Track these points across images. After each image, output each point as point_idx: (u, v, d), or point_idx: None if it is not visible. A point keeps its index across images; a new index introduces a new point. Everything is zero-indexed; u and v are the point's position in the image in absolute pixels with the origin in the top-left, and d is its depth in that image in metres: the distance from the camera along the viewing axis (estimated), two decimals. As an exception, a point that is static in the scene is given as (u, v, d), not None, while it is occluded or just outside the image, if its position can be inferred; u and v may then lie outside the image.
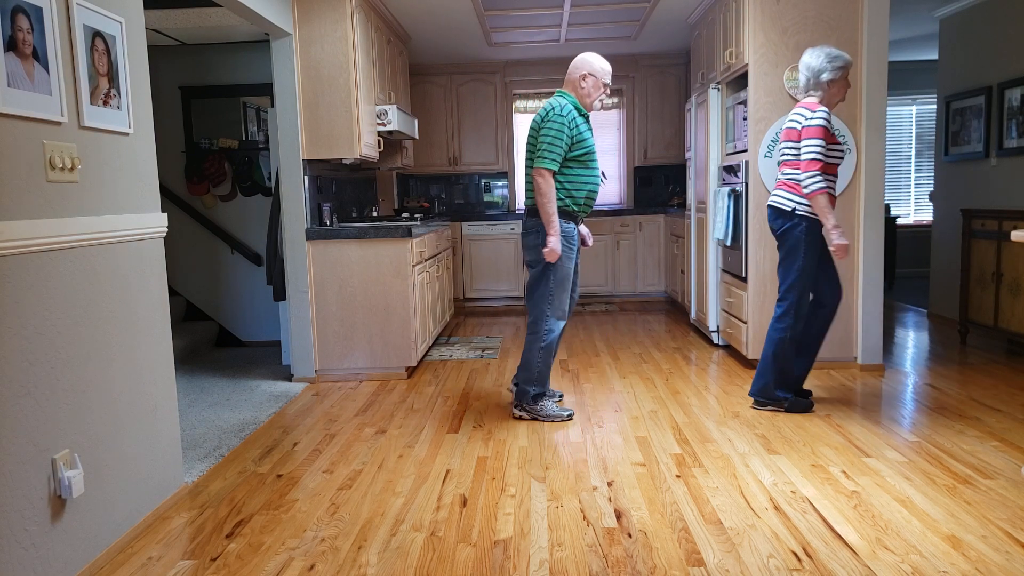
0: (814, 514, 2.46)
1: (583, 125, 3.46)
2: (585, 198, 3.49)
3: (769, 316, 4.33)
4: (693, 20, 5.67)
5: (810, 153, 3.29)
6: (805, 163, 3.30)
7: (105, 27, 2.37)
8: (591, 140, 3.47)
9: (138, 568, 2.25)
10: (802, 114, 3.37)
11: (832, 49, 3.37)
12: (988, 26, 5.24)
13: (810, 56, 3.39)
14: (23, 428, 1.96)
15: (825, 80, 3.35)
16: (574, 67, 3.49)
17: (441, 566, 2.20)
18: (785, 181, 3.46)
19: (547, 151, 3.36)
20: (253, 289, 5.66)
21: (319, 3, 4.29)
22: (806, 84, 3.42)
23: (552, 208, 3.37)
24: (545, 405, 3.56)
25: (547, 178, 3.36)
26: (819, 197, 3.28)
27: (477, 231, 7.02)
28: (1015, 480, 2.69)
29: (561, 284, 3.50)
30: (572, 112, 3.41)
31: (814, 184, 3.27)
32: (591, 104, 3.52)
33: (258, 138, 5.58)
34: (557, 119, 3.37)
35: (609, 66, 3.52)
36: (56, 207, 2.12)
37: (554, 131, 3.36)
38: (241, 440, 3.43)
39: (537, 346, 3.54)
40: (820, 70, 3.35)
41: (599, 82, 3.48)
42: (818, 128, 3.28)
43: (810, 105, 3.37)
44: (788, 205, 3.42)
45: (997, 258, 4.69)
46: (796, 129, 3.38)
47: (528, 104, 7.48)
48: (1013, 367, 4.33)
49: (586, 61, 3.48)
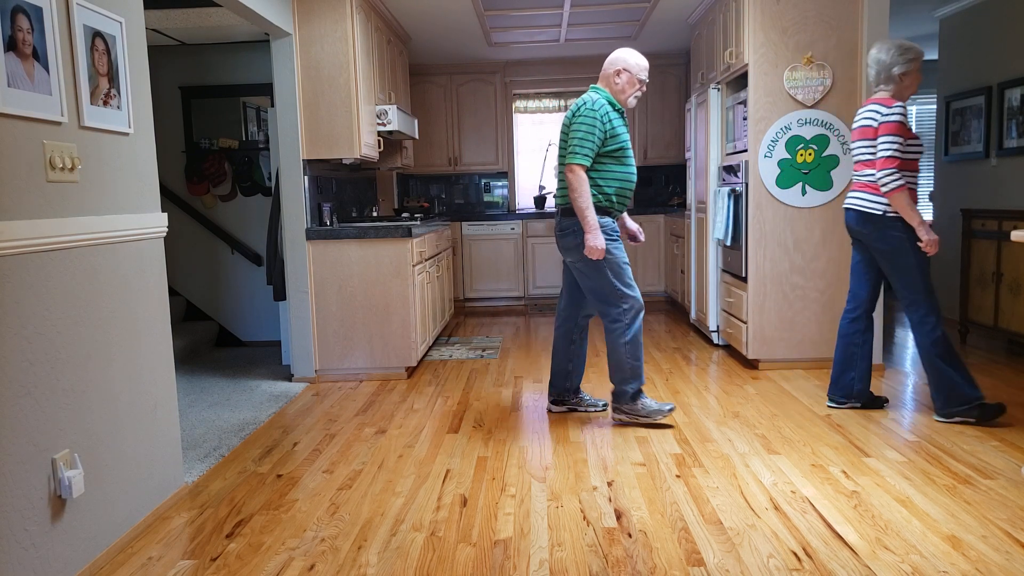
0: (814, 514, 2.46)
1: (617, 119, 3.37)
2: (616, 193, 3.39)
3: (769, 316, 4.33)
4: (693, 20, 5.67)
5: (887, 150, 3.19)
6: (881, 161, 3.19)
7: (105, 27, 2.37)
8: (625, 135, 3.40)
9: (138, 568, 2.25)
10: (877, 111, 3.26)
11: (903, 41, 3.29)
12: (988, 26, 5.24)
13: (879, 50, 3.31)
14: (23, 428, 1.96)
15: (897, 73, 3.26)
16: (609, 62, 3.42)
17: (441, 566, 2.20)
18: (865, 183, 3.35)
19: (579, 146, 3.28)
20: (253, 289, 5.66)
21: (319, 3, 4.29)
22: (876, 79, 3.33)
23: (585, 203, 3.26)
24: (646, 404, 3.43)
25: (578, 174, 3.27)
26: (898, 195, 3.18)
27: (477, 231, 7.02)
28: (1015, 480, 2.69)
29: (621, 274, 3.37)
30: (605, 107, 3.34)
31: (892, 182, 3.18)
32: (626, 100, 3.43)
33: (258, 138, 5.58)
34: (589, 114, 3.29)
35: (646, 62, 3.44)
36: (56, 207, 2.12)
37: (586, 126, 3.28)
38: (241, 440, 3.43)
39: (621, 342, 3.40)
40: (891, 64, 3.26)
41: (634, 78, 3.40)
42: (895, 124, 3.18)
43: (884, 101, 3.26)
44: (877, 208, 3.30)
45: (997, 258, 4.69)
46: (871, 127, 3.27)
47: (528, 104, 7.48)
48: (1013, 367, 4.33)
49: (621, 57, 3.40)
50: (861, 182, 3.39)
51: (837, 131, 4.20)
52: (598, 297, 3.42)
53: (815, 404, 3.68)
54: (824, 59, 4.19)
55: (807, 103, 4.21)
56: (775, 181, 4.27)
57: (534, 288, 7.07)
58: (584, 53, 7.08)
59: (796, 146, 4.23)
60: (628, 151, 3.42)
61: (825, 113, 4.20)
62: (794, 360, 4.37)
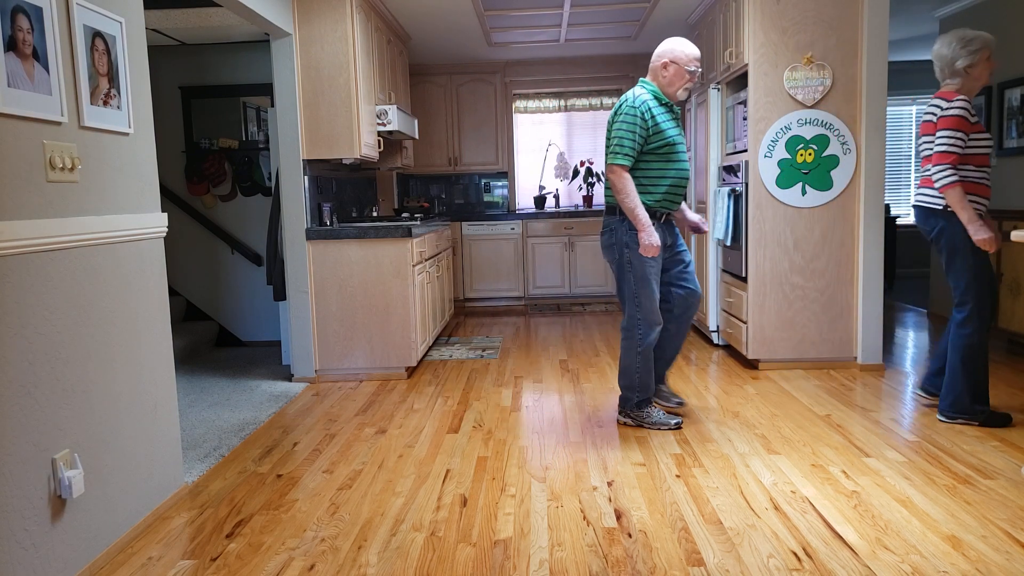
0: (814, 514, 2.46)
1: (663, 115, 3.25)
2: (665, 194, 3.28)
3: (769, 316, 4.33)
4: (693, 20, 5.67)
5: (942, 145, 3.12)
6: (936, 155, 3.13)
7: (105, 27, 2.37)
8: (672, 131, 3.26)
9: (138, 568, 2.26)
10: (939, 105, 3.19)
11: (966, 31, 3.20)
12: (988, 26, 5.24)
13: (941, 45, 3.23)
14: (23, 428, 1.96)
15: (961, 67, 3.18)
16: (657, 54, 3.30)
17: (441, 566, 2.20)
18: (928, 178, 3.28)
19: (618, 146, 3.19)
20: (253, 289, 5.66)
21: (319, 3, 4.29)
22: (941, 74, 3.26)
23: (632, 203, 3.16)
24: (651, 412, 3.39)
25: (619, 174, 3.18)
26: (951, 191, 3.11)
27: (477, 231, 7.02)
28: (1015, 480, 2.69)
29: (644, 284, 3.28)
30: (647, 103, 3.22)
31: (945, 178, 3.10)
32: (674, 94, 3.30)
33: (258, 138, 5.58)
34: (629, 111, 3.20)
35: (696, 51, 3.28)
36: (56, 207, 2.12)
37: (626, 125, 3.18)
38: (241, 440, 3.43)
39: (634, 350, 3.36)
40: (953, 58, 3.18)
41: (682, 70, 3.26)
42: (954, 119, 3.10)
43: (947, 95, 3.19)
44: (938, 204, 3.22)
45: (997, 258, 4.69)
46: (932, 122, 3.21)
47: (528, 104, 7.48)
48: (1013, 367, 4.33)
49: (668, 48, 3.28)
50: (925, 177, 3.31)
51: (837, 131, 4.20)
52: (622, 299, 3.41)
53: (815, 404, 3.68)
54: (824, 59, 4.18)
55: (807, 103, 4.21)
56: (775, 181, 4.27)
57: (534, 288, 7.07)
58: (584, 53, 7.08)
59: (796, 146, 4.23)
60: (677, 147, 3.29)
61: (825, 113, 4.20)
62: (794, 360, 4.37)
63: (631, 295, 3.33)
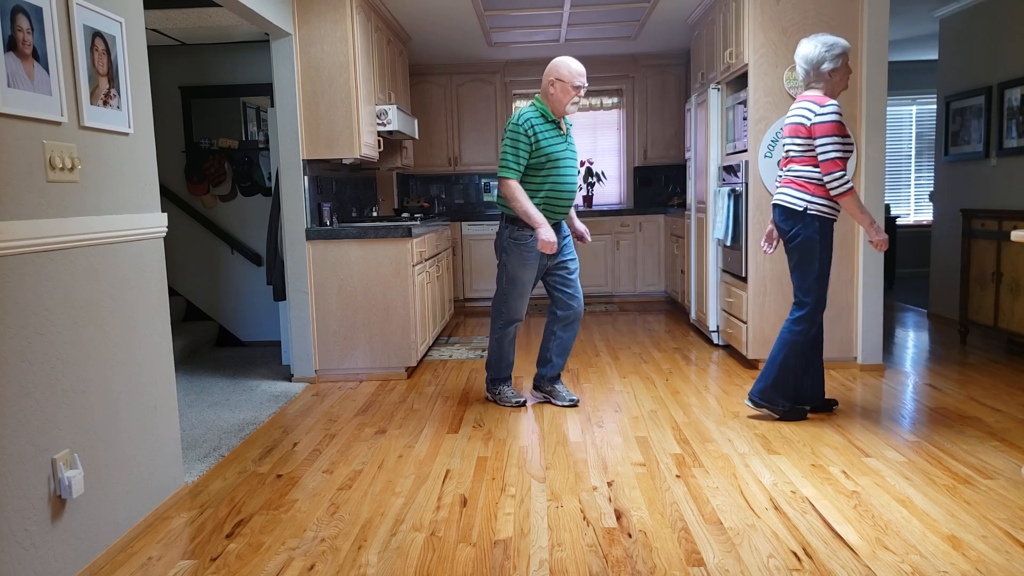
0: (814, 514, 2.46)
1: (546, 131, 3.49)
2: (544, 204, 3.55)
3: (769, 316, 4.33)
4: (693, 20, 5.67)
5: (830, 152, 3.11)
6: (828, 163, 3.11)
7: (105, 27, 2.37)
8: (553, 146, 3.50)
9: (138, 568, 2.25)
10: (810, 109, 3.17)
11: (827, 36, 3.20)
12: (988, 26, 5.24)
13: (806, 47, 3.22)
14: (23, 428, 1.96)
15: (826, 70, 3.18)
16: (545, 73, 3.52)
17: (441, 566, 2.20)
18: (793, 179, 3.28)
19: (503, 161, 3.50)
20: (253, 289, 5.66)
21: (319, 3, 4.29)
22: (806, 77, 3.25)
23: (522, 207, 3.48)
24: (503, 391, 3.84)
25: (506, 184, 3.50)
26: (850, 198, 3.13)
27: (477, 231, 7.02)
28: (1015, 480, 2.69)
29: (513, 285, 3.65)
30: (531, 119, 3.47)
31: (842, 185, 3.11)
32: (561, 110, 3.52)
33: (258, 138, 5.58)
34: (512, 128, 3.48)
35: (579, 68, 3.48)
36: (56, 207, 2.12)
37: (509, 141, 3.48)
38: (241, 440, 3.43)
39: (493, 338, 3.82)
40: (819, 60, 3.18)
41: (567, 86, 3.46)
42: (833, 124, 3.10)
43: (818, 99, 3.17)
44: (799, 204, 3.24)
45: (997, 258, 4.69)
46: (804, 125, 3.18)
47: (528, 104, 7.47)
48: (1013, 367, 4.33)
49: (554, 66, 3.49)
50: (790, 178, 3.31)
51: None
52: (495, 293, 3.77)
53: (815, 404, 3.68)
54: (824, 59, 4.18)
55: (807, 103, 4.20)
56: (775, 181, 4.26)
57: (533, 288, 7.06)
58: (584, 53, 7.08)
59: (796, 146, 4.23)
60: (561, 162, 3.52)
61: (825, 113, 4.20)
62: (794, 360, 4.37)
63: (500, 292, 3.73)
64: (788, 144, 3.32)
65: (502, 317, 3.75)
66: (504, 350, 3.82)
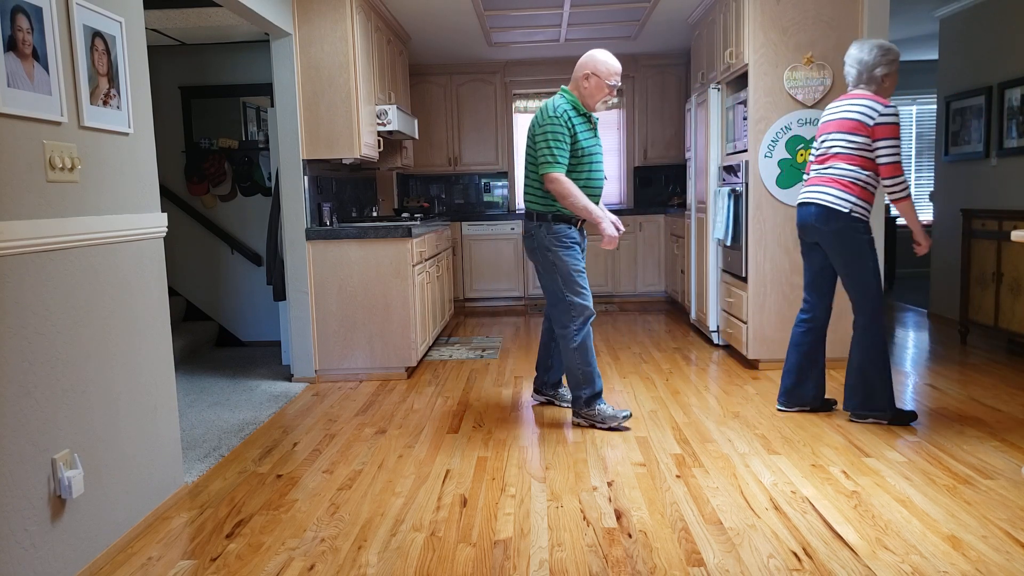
0: (814, 514, 2.45)
1: (581, 125, 3.32)
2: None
3: (769, 316, 4.33)
4: (693, 20, 5.67)
5: (891, 156, 3.09)
6: (890, 167, 3.09)
7: (105, 27, 2.37)
8: (588, 140, 3.34)
9: (138, 568, 2.25)
10: (873, 107, 3.13)
11: (882, 42, 3.21)
12: (988, 26, 5.24)
13: (859, 50, 3.22)
14: (23, 428, 1.96)
15: (880, 75, 3.19)
16: (579, 65, 3.36)
17: (441, 566, 2.20)
18: (836, 177, 3.20)
19: (549, 155, 3.26)
20: (253, 289, 5.66)
21: (319, 3, 4.29)
22: (857, 78, 3.23)
23: (581, 202, 3.26)
24: (602, 409, 3.40)
25: (558, 180, 3.25)
26: (908, 204, 3.09)
27: (477, 231, 7.02)
28: (1015, 480, 2.69)
29: (573, 278, 3.37)
30: (568, 111, 3.29)
31: (904, 191, 3.07)
32: (592, 106, 3.39)
33: (258, 138, 5.58)
34: (552, 120, 3.26)
35: (618, 65, 3.35)
36: (56, 207, 2.12)
37: (551, 133, 3.26)
38: (241, 440, 3.43)
39: (571, 348, 3.40)
40: (874, 64, 3.18)
41: (603, 83, 3.32)
42: (894, 127, 3.09)
43: (877, 99, 3.14)
44: (843, 206, 3.17)
45: (997, 258, 4.69)
46: (865, 123, 3.13)
47: (528, 104, 7.48)
48: (1013, 367, 4.33)
49: (592, 60, 3.33)
50: (827, 175, 3.24)
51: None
52: (551, 300, 3.46)
53: (815, 404, 3.68)
54: (824, 59, 4.19)
55: (807, 103, 4.21)
56: (775, 181, 4.27)
57: (534, 288, 7.07)
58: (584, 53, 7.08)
59: (796, 146, 4.23)
60: (594, 157, 3.37)
61: (825, 113, 4.20)
62: (794, 360, 4.37)
63: (560, 295, 3.40)
64: (835, 140, 3.23)
65: (576, 318, 3.38)
66: (591, 355, 3.41)
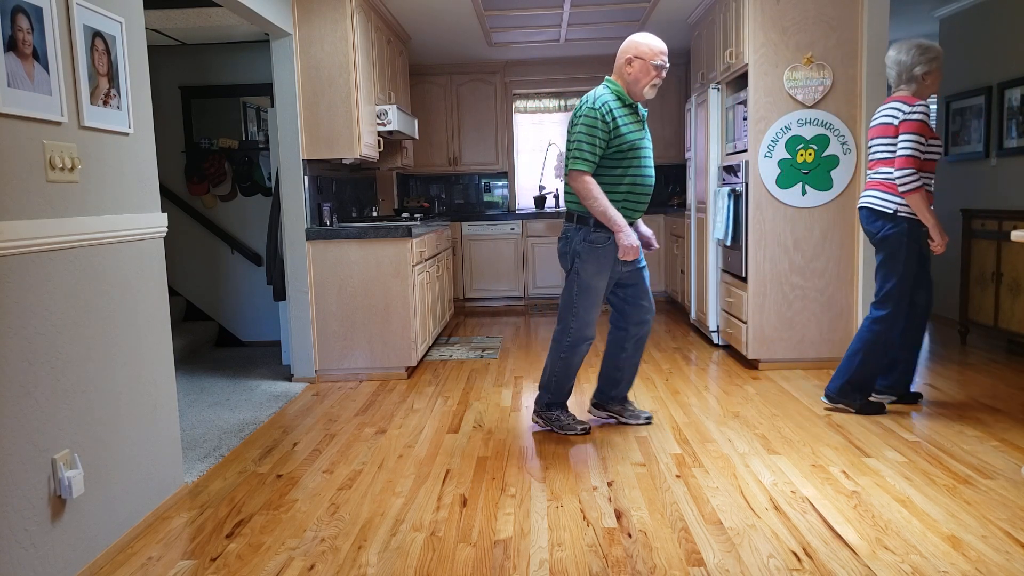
0: (814, 514, 2.46)
1: (624, 117, 3.09)
2: (623, 200, 3.14)
3: (769, 316, 4.33)
4: (693, 20, 5.67)
5: (906, 149, 3.17)
6: (901, 160, 3.17)
7: (105, 27, 2.37)
8: (634, 134, 3.10)
9: (138, 568, 2.25)
10: (900, 108, 3.24)
11: (922, 41, 3.27)
12: (988, 26, 5.24)
13: (898, 51, 3.29)
14: (23, 428, 1.96)
15: (919, 73, 3.25)
16: (621, 51, 3.13)
17: (441, 566, 2.20)
18: (881, 181, 3.32)
19: (577, 151, 3.06)
20: (253, 289, 5.66)
21: (319, 3, 4.29)
22: (897, 79, 3.32)
23: (601, 206, 3.04)
24: (560, 416, 3.35)
25: (581, 180, 3.05)
26: (916, 196, 3.17)
27: (477, 231, 7.02)
28: (1015, 480, 2.69)
29: (585, 295, 3.19)
30: (609, 103, 3.07)
31: (911, 183, 3.16)
32: (641, 92, 3.12)
33: (258, 138, 5.58)
34: (588, 113, 3.05)
35: (662, 45, 3.10)
36: (56, 207, 2.12)
37: (585, 128, 3.04)
38: (241, 440, 3.43)
39: (558, 355, 3.30)
40: (912, 64, 3.25)
41: (648, 65, 3.07)
42: (918, 123, 3.17)
43: (907, 99, 3.25)
44: (888, 207, 3.28)
45: (997, 258, 4.69)
46: (893, 125, 3.25)
47: (528, 104, 7.48)
48: (1013, 367, 4.33)
49: (632, 43, 3.10)
50: (875, 180, 3.36)
51: (837, 131, 4.20)
52: (561, 304, 3.32)
53: (815, 404, 3.68)
54: (824, 59, 4.19)
55: (807, 103, 4.21)
56: (775, 181, 4.27)
57: (534, 288, 7.07)
58: (584, 53, 7.08)
59: (796, 146, 4.23)
60: (641, 152, 3.14)
61: (825, 113, 4.20)
62: (794, 360, 4.37)
63: (569, 304, 3.25)
64: (875, 145, 3.37)
65: (570, 334, 3.25)
66: (571, 372, 3.31)
